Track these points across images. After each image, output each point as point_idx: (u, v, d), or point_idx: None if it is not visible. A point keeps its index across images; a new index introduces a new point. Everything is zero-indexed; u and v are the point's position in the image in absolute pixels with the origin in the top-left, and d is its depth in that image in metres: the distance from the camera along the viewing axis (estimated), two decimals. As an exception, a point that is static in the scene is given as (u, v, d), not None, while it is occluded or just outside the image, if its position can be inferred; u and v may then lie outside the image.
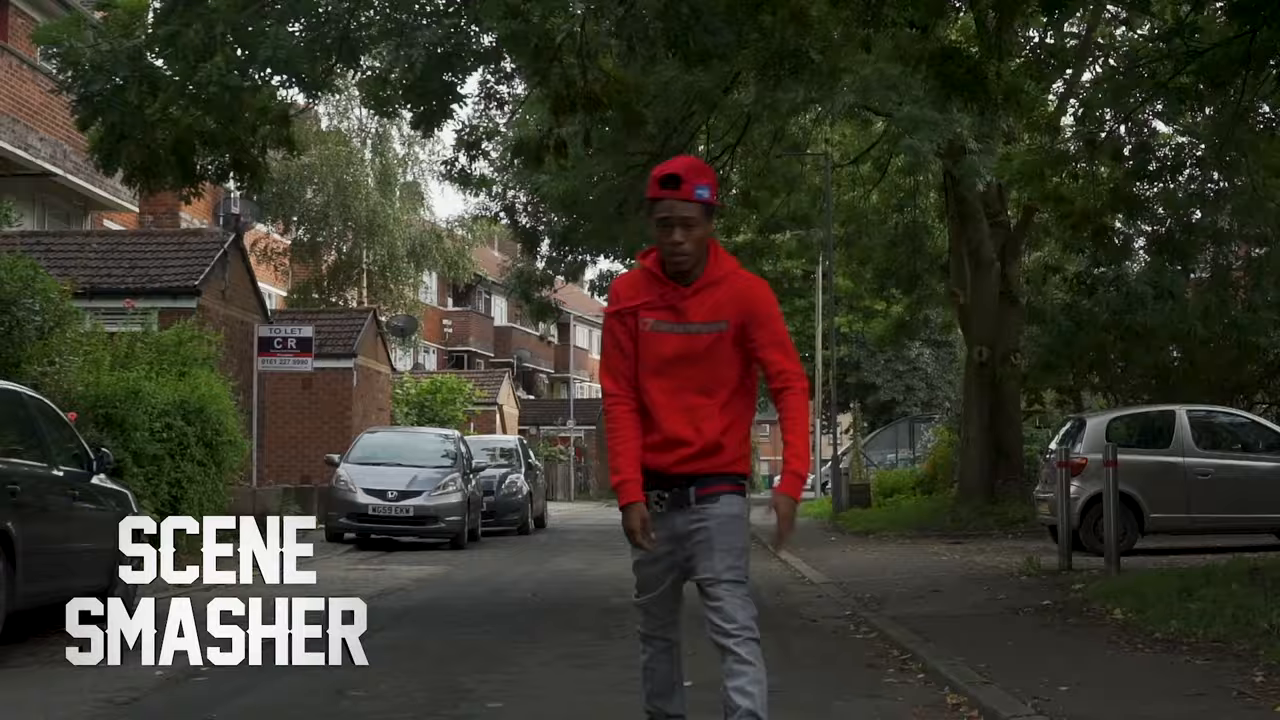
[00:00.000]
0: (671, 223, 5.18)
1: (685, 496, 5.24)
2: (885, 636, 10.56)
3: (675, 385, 5.24)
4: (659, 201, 5.22)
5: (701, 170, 5.34)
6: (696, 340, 5.23)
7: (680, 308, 5.24)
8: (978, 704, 7.43)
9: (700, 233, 5.22)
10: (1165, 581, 11.78)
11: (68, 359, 16.43)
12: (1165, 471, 18.65)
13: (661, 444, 5.26)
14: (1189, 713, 6.84)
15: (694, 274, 5.26)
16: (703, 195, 5.21)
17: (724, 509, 5.25)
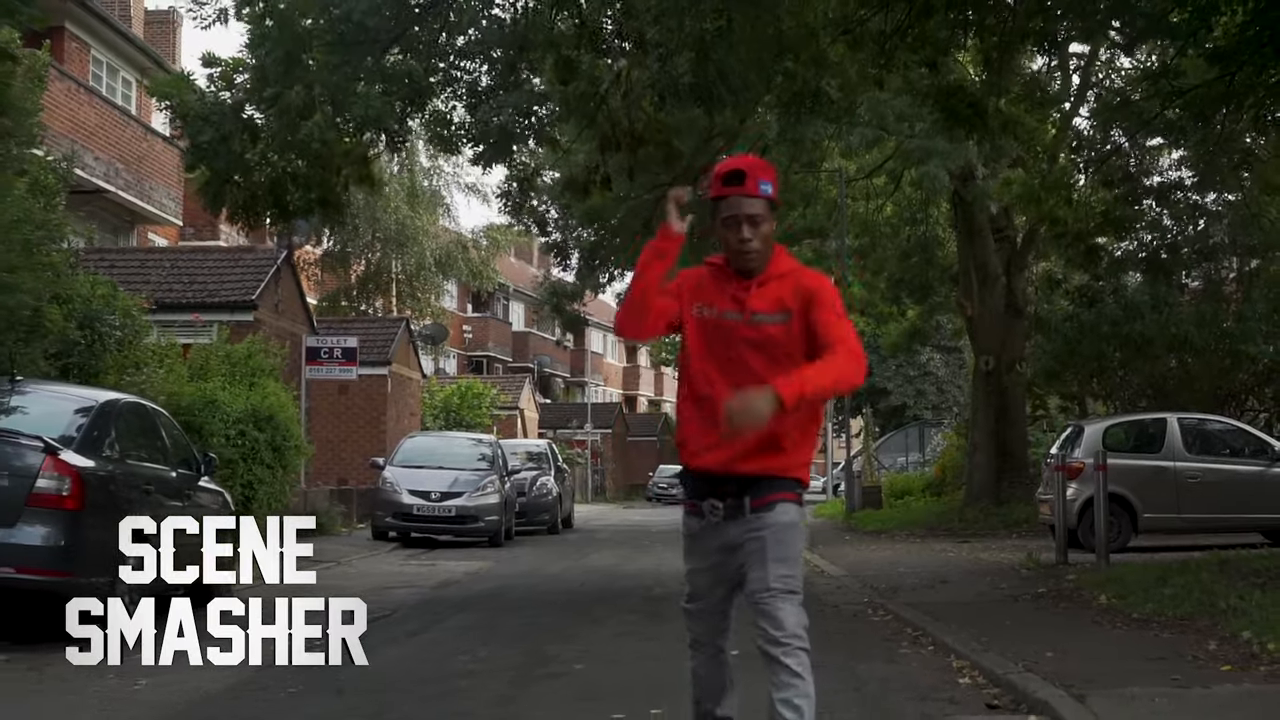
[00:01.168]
0: (739, 220, 5.10)
1: (740, 507, 5.12)
2: (899, 618, 12.12)
3: (738, 378, 5.05)
4: (723, 200, 5.14)
5: (764, 167, 5.25)
6: (761, 330, 5.13)
7: (744, 299, 5.15)
8: (978, 666, 8.97)
9: (767, 229, 5.14)
10: (1146, 572, 13.33)
11: (153, 370, 17.98)
12: (1157, 475, 20.12)
13: (715, 441, 5.08)
14: (1148, 670, 8.36)
15: (758, 271, 5.19)
16: (767, 191, 5.13)
17: (779, 517, 5.12)
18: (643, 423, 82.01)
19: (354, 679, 8.58)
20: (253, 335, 21.67)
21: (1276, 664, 8.37)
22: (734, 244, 5.13)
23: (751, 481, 5.11)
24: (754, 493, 5.10)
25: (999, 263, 28.41)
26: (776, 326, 5.12)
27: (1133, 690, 7.66)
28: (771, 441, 5.06)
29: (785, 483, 5.16)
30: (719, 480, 5.15)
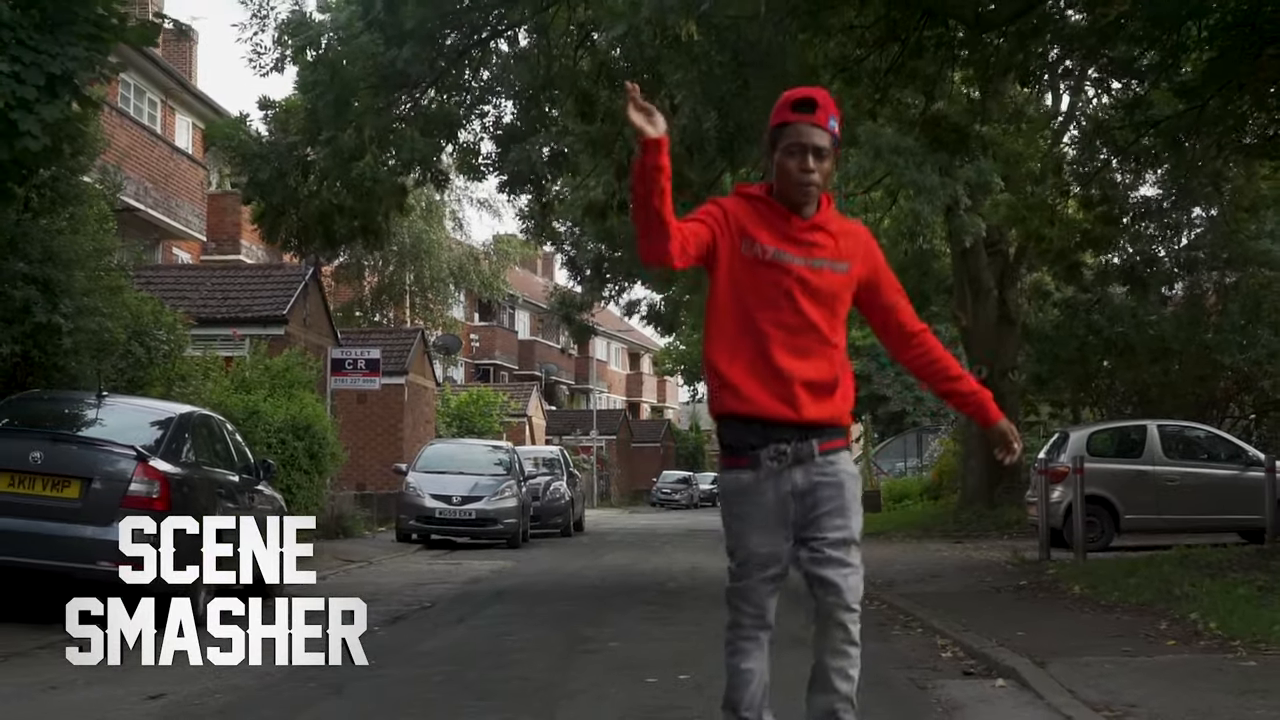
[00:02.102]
0: (805, 148, 4.75)
1: (809, 449, 4.82)
2: (893, 606, 13.48)
3: (792, 321, 4.81)
4: (787, 126, 4.79)
5: (832, 102, 4.90)
6: (823, 276, 4.86)
7: (803, 240, 4.84)
8: (959, 643, 10.34)
9: (829, 167, 4.84)
10: (1117, 566, 14.71)
11: (199, 382, 19.33)
12: (1138, 478, 21.49)
13: (775, 383, 4.80)
14: (1104, 645, 9.72)
15: (810, 211, 4.88)
16: (833, 127, 4.82)
17: (848, 466, 4.93)
18: (646, 429, 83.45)
19: (423, 654, 9.96)
20: (289, 350, 23.03)
21: (1214, 639, 9.73)
22: (794, 173, 4.77)
23: (814, 426, 4.82)
24: (821, 436, 4.83)
25: (991, 276, 29.79)
26: (839, 276, 4.88)
27: (1086, 659, 9.01)
28: (830, 383, 4.87)
29: (843, 430, 4.93)
30: (778, 426, 4.80)
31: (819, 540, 4.79)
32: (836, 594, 4.75)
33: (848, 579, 4.78)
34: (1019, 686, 8.35)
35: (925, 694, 8.32)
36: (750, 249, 4.82)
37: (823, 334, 4.86)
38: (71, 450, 11.75)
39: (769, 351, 4.79)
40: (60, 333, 13.76)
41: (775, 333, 4.80)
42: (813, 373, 4.82)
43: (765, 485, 4.83)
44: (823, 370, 4.84)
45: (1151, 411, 25.96)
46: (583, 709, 7.79)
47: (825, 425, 4.86)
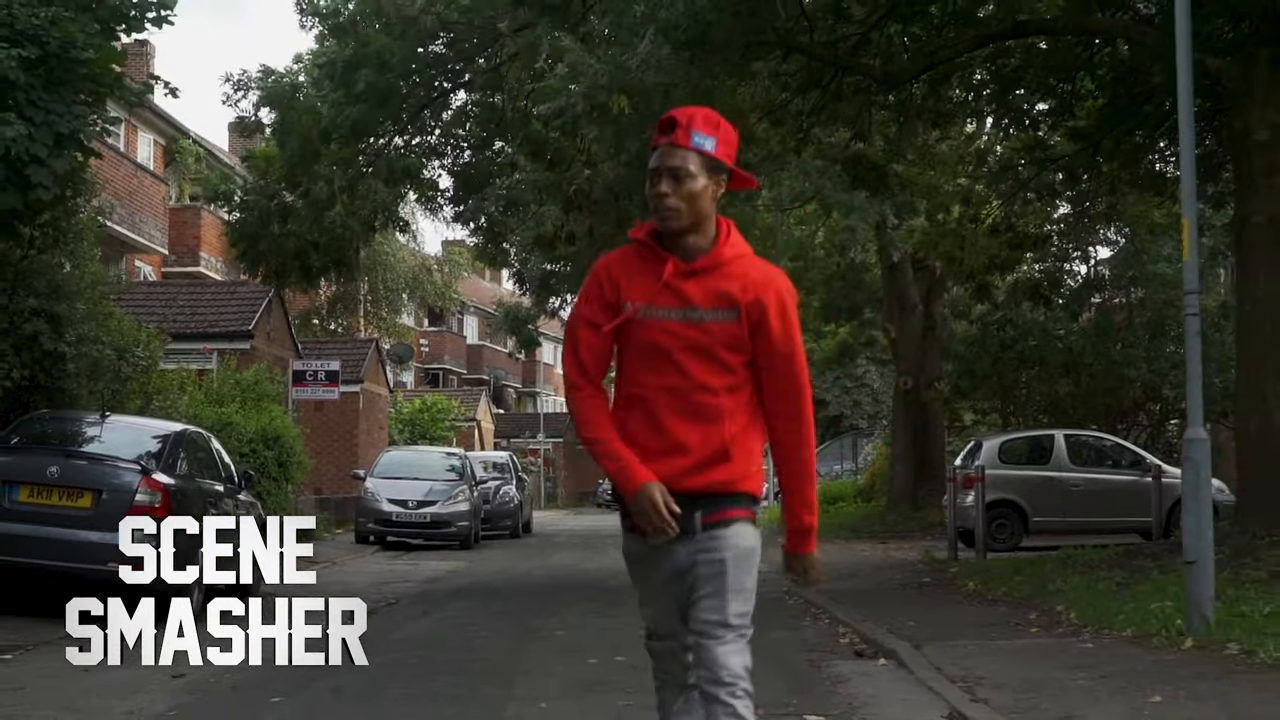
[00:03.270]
0: (659, 170, 4.33)
1: (690, 522, 4.36)
2: (808, 602, 15.21)
3: (677, 383, 4.36)
4: (653, 150, 4.41)
5: (710, 120, 4.38)
6: (703, 329, 4.35)
7: (681, 290, 4.35)
8: (856, 630, 12.08)
9: (695, 189, 4.29)
10: (1008, 565, 16.54)
11: (175, 396, 20.83)
12: (1045, 483, 23.30)
13: (660, 452, 4.37)
14: (976, 631, 11.47)
15: (695, 247, 4.37)
16: (703, 145, 4.29)
17: (737, 540, 4.42)
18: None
19: (397, 641, 11.62)
20: (257, 365, 24.57)
21: (1069, 627, 11.52)
22: (652, 199, 4.34)
23: (702, 496, 4.36)
24: (706, 508, 4.36)
25: (917, 292, 31.65)
26: (723, 325, 4.35)
27: (958, 643, 10.77)
28: (719, 451, 4.38)
29: (739, 499, 4.41)
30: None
31: (698, 620, 4.40)
32: (708, 673, 4.36)
33: (717, 657, 4.37)
34: (897, 664, 10.09)
35: (819, 671, 10.05)
36: (632, 312, 4.36)
37: (715, 392, 4.36)
38: (83, 465, 13.32)
39: (656, 417, 4.38)
40: (65, 359, 15.32)
41: (659, 397, 4.37)
42: (700, 438, 4.36)
43: (654, 558, 4.46)
44: (713, 435, 4.36)
45: (1065, 420, 27.83)
46: (535, 682, 9.47)
47: (712, 494, 4.38)
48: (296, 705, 8.62)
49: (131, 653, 7.16)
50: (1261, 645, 9.30)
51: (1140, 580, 13.06)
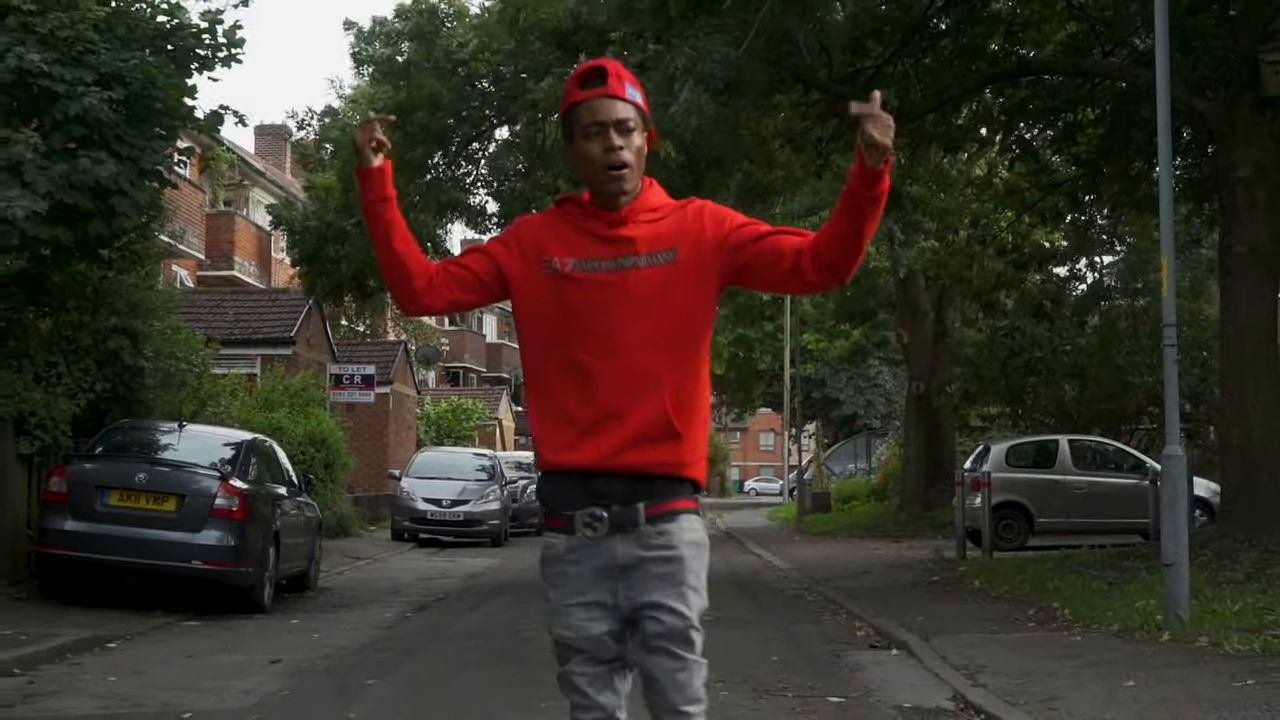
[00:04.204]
0: (606, 126, 3.81)
1: (632, 515, 3.81)
2: (827, 597, 16.52)
3: (613, 344, 3.80)
4: (580, 106, 3.85)
5: (628, 73, 3.97)
6: (639, 277, 3.81)
7: (608, 238, 3.83)
8: (871, 624, 13.38)
9: (639, 142, 3.87)
10: (1013, 565, 17.81)
11: (227, 401, 22.17)
12: (1050, 486, 24.55)
13: (592, 423, 3.80)
14: (979, 626, 12.76)
15: (625, 203, 3.87)
16: (635, 97, 3.88)
17: (687, 534, 3.87)
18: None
19: (457, 633, 12.94)
20: (303, 371, 25.93)
21: (1063, 622, 12.81)
22: (598, 156, 3.81)
23: (643, 482, 3.82)
24: (649, 497, 3.82)
25: (929, 299, 32.92)
26: (662, 269, 3.83)
27: (962, 635, 12.06)
28: (662, 424, 3.81)
29: (685, 486, 3.89)
30: (596, 477, 3.81)
31: (644, 630, 3.81)
32: (662, 694, 3.80)
33: (677, 676, 3.80)
34: (908, 654, 11.40)
35: (839, 660, 11.36)
36: (549, 267, 3.85)
37: (657, 350, 3.80)
38: (168, 472, 14.68)
39: (587, 384, 3.80)
40: (144, 374, 16.68)
41: (592, 361, 3.80)
42: (637, 407, 3.78)
43: (582, 555, 3.82)
44: (653, 404, 3.79)
45: (1070, 425, 29.09)
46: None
47: (656, 477, 3.82)
48: (389, 686, 9.93)
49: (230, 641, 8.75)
50: (1227, 639, 10.57)
51: (1129, 580, 14.34)
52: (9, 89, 14.39)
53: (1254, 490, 15.24)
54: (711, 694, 8.69)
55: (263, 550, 15.03)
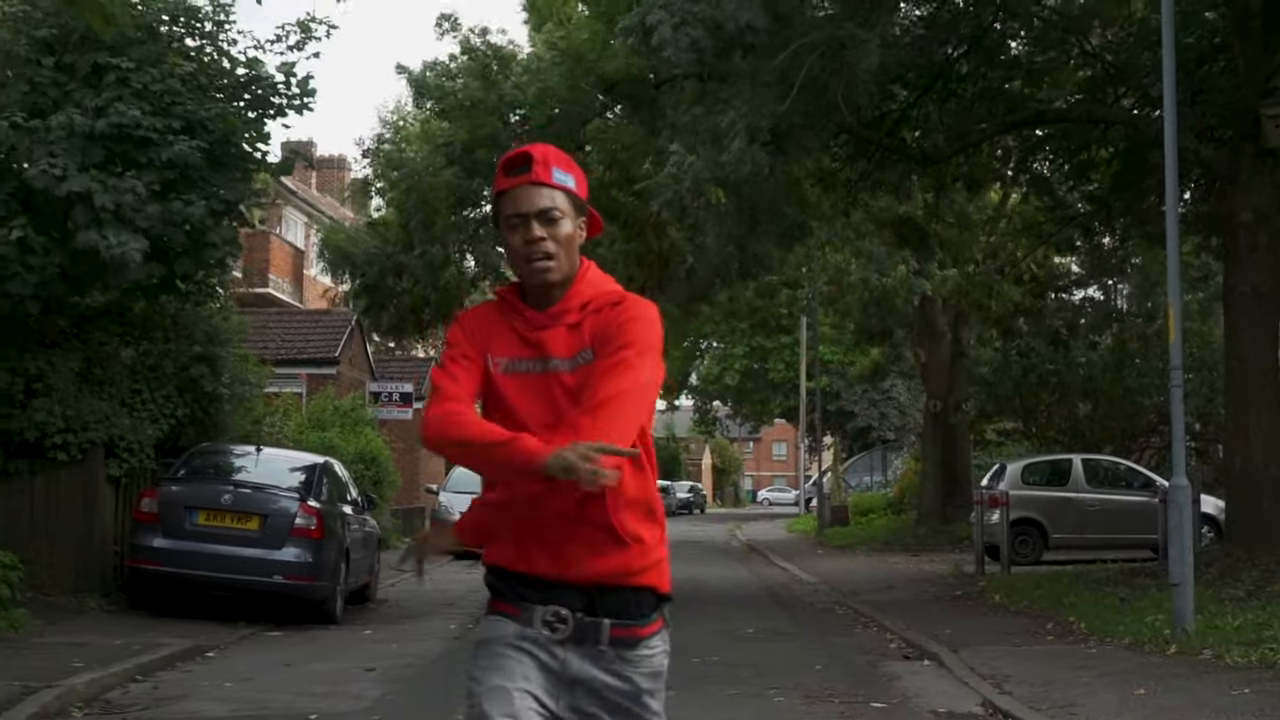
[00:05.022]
0: (527, 218, 3.56)
1: (596, 630, 3.51)
2: (856, 610, 17.70)
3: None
4: (504, 196, 3.61)
5: (562, 156, 3.71)
6: (562, 381, 3.55)
7: (538, 340, 3.59)
8: (902, 637, 14.56)
9: (568, 230, 3.59)
10: (1029, 580, 18.99)
11: (280, 420, 23.40)
12: (1064, 503, 25.70)
13: (530, 535, 3.54)
14: (1002, 638, 13.93)
15: (555, 295, 3.62)
16: (565, 182, 3.61)
17: (647, 664, 3.57)
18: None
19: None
20: (353, 393, 27.15)
21: (1079, 635, 13.98)
22: (520, 249, 3.59)
23: (601, 591, 3.53)
24: (616, 612, 3.53)
25: (945, 321, 34.11)
26: (583, 369, 3.55)
27: (987, 648, 13.23)
28: (611, 534, 3.53)
29: (650, 599, 3.60)
30: (554, 587, 3.53)
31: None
32: None
33: None
34: (938, 665, 12.57)
35: (876, 669, 12.54)
36: (492, 367, 3.63)
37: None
38: (250, 493, 15.90)
39: (531, 494, 3.45)
40: (221, 399, 17.93)
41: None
42: (586, 518, 3.50)
43: (530, 646, 3.53)
44: (596, 520, 3.51)
45: (1082, 442, 30.25)
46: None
47: (623, 588, 3.54)
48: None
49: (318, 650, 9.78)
50: (1229, 652, 11.75)
51: (1140, 597, 15.51)
52: (107, 139, 15.63)
53: (1256, 512, 16.41)
54: (766, 699, 9.85)
55: (335, 565, 16.26)
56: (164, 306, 18.09)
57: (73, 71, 16.19)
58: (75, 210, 15.31)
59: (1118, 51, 20.12)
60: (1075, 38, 19.86)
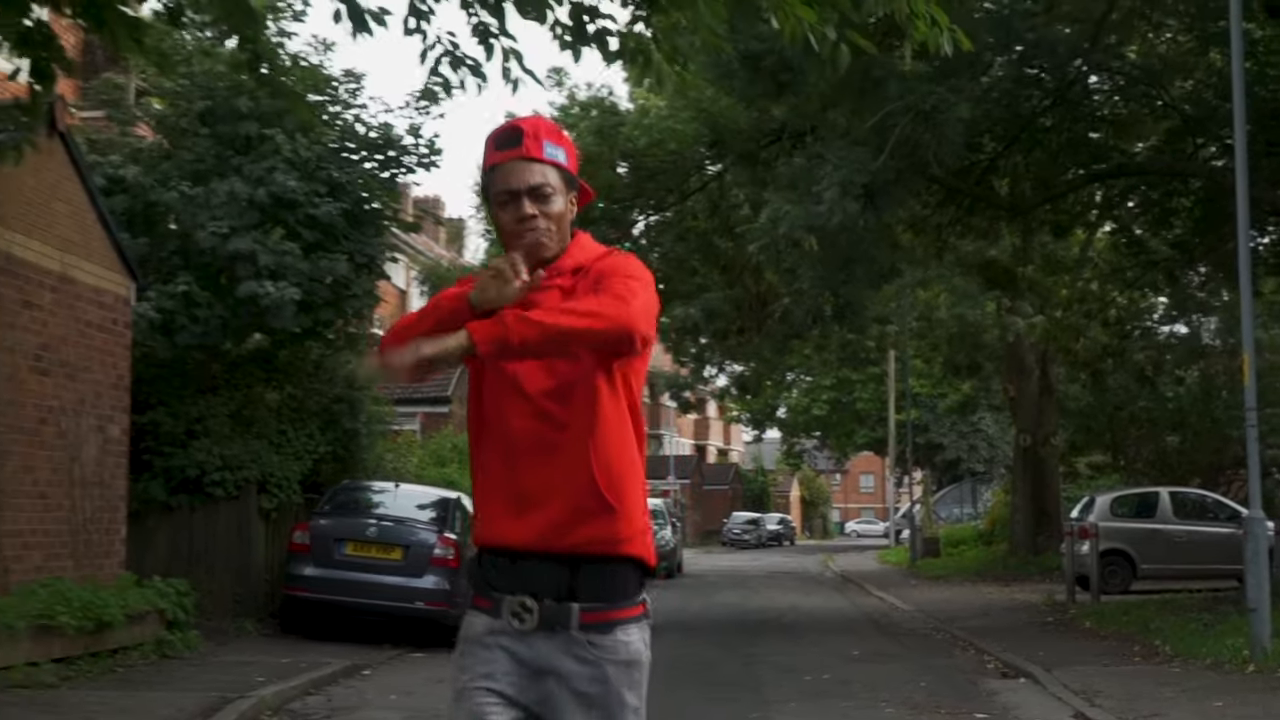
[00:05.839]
0: (517, 194, 3.46)
1: (565, 614, 3.40)
2: (954, 635, 18.81)
3: (530, 421, 3.42)
4: (495, 170, 3.51)
5: (553, 128, 3.62)
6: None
7: (529, 302, 3.34)
8: (999, 658, 15.69)
9: (560, 207, 3.50)
10: (1118, 608, 20.02)
11: (406, 458, 24.85)
12: (1152, 535, 26.54)
13: (515, 503, 3.43)
14: (1094, 660, 15.02)
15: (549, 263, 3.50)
16: (556, 157, 3.52)
17: (624, 650, 3.47)
18: (715, 472, 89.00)
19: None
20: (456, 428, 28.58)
21: (1165, 657, 15.05)
22: (510, 226, 3.49)
23: (579, 567, 3.42)
24: (586, 596, 3.42)
25: (1033, 357, 35.10)
26: None
27: (1079, 668, 14.33)
28: (597, 499, 3.40)
29: (625, 573, 3.49)
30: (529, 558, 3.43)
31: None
32: None
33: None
34: (1034, 683, 13.70)
35: (976, 686, 13.69)
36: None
37: (574, 426, 3.41)
38: (393, 526, 17.32)
39: (512, 460, 3.46)
40: (359, 436, 19.41)
41: (516, 435, 3.45)
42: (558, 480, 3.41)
43: (504, 641, 3.46)
44: (581, 475, 3.40)
45: (1171, 475, 31.10)
46: (775, 692, 13.19)
47: (600, 559, 3.43)
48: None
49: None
50: (1303, 670, 12.84)
51: (1221, 621, 16.53)
52: (263, 205, 17.15)
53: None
54: (878, 710, 11.06)
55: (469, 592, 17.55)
56: (307, 352, 19.59)
57: (230, 142, 17.75)
58: (237, 264, 16.84)
59: (1196, 103, 21.15)
60: (1156, 90, 20.94)
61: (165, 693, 11.98)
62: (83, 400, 14.24)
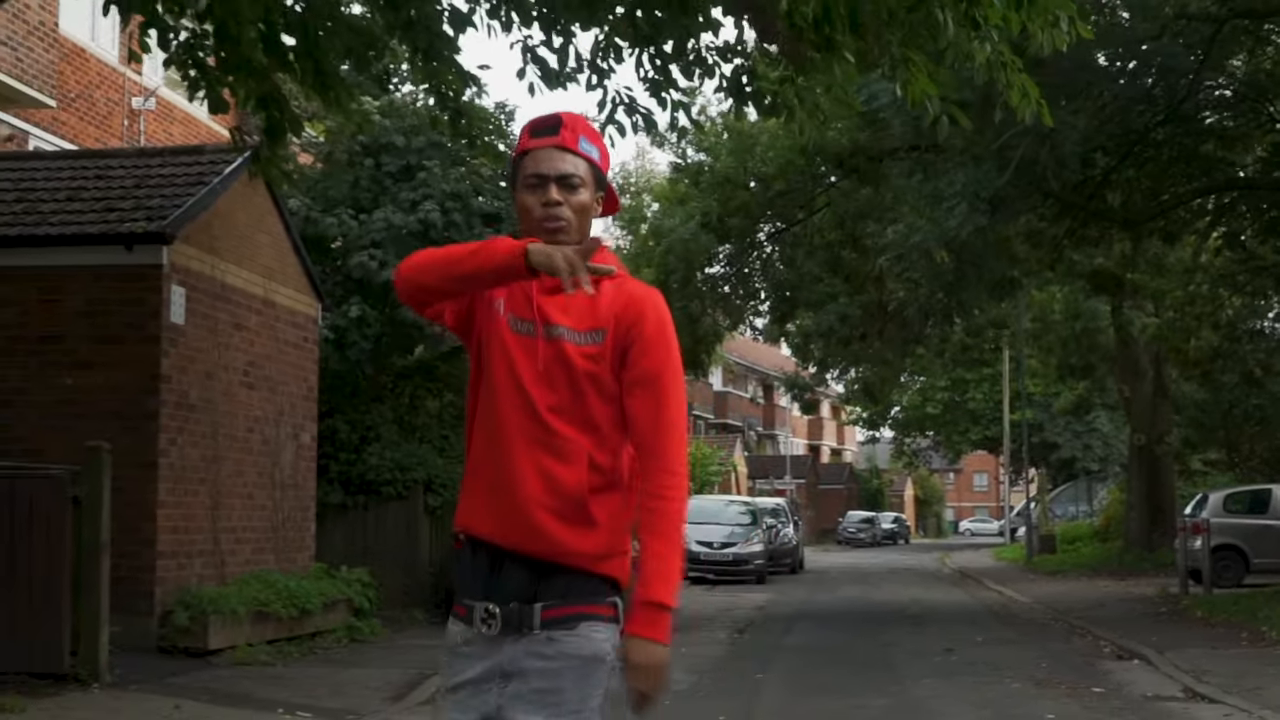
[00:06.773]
0: (545, 177, 3.42)
1: (527, 616, 3.30)
2: (1070, 624, 20.02)
3: (527, 416, 3.32)
4: (527, 156, 3.48)
5: (590, 128, 3.56)
6: (562, 351, 3.35)
7: (544, 305, 3.38)
8: (1114, 643, 16.91)
9: (585, 200, 3.44)
10: (1229, 599, 21.10)
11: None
12: (1264, 530, 27.44)
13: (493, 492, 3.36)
14: (1203, 643, 16.19)
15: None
16: (590, 153, 3.49)
17: (581, 645, 3.30)
18: (830, 472, 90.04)
19: (790, 648, 16.81)
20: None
21: (1272, 643, 16.19)
22: (535, 210, 3.41)
23: (546, 573, 3.31)
24: (549, 596, 3.30)
25: (1148, 359, 35.99)
26: (587, 349, 3.37)
27: (1187, 650, 15.53)
28: (574, 502, 3.32)
29: (595, 584, 3.34)
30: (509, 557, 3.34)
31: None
32: None
33: None
34: (1146, 663, 14.93)
35: (1093, 666, 14.95)
36: (491, 307, 3.44)
37: (574, 431, 3.33)
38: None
39: (504, 448, 3.34)
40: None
41: (511, 425, 3.34)
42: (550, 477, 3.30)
43: (476, 649, 3.36)
44: (567, 478, 3.31)
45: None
46: (907, 671, 14.54)
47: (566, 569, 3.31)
48: (773, 677, 13.82)
49: None
50: (1397, 651, 13.96)
51: (1326, 610, 17.66)
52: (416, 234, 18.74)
53: None
54: (1005, 685, 12.43)
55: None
56: (464, 363, 21.19)
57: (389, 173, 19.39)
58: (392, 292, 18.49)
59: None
60: (1263, 104, 21.96)
61: (368, 670, 13.59)
62: (281, 411, 15.94)
